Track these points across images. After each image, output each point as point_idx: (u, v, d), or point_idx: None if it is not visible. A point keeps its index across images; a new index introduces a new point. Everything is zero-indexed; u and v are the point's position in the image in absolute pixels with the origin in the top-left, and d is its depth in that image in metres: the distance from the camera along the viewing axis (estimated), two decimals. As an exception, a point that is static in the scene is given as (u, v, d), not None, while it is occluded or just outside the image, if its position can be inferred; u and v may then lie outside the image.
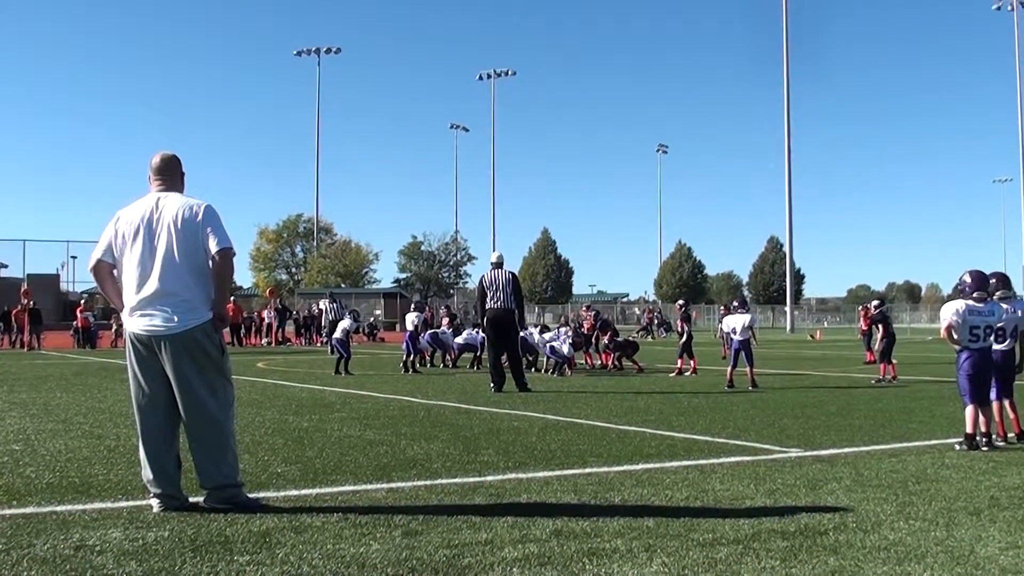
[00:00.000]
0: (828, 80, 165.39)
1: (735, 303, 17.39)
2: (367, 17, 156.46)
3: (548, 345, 19.51)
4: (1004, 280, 9.23)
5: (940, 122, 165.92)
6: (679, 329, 20.32)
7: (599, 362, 21.78)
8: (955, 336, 8.66)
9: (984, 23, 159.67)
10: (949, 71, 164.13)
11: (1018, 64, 78.48)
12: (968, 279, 8.77)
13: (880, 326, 17.99)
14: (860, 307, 27.18)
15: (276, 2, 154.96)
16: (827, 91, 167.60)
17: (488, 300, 15.40)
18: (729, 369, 15.81)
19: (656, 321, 59.15)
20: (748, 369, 15.61)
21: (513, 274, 15.68)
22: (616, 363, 21.08)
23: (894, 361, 17.45)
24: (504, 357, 15.40)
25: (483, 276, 15.96)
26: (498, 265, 15.68)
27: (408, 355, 20.65)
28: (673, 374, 19.03)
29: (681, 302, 21.37)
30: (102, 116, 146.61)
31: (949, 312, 8.70)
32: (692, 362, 19.24)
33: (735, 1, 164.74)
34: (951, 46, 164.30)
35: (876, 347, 18.30)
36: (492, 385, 14.91)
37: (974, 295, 8.69)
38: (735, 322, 16.06)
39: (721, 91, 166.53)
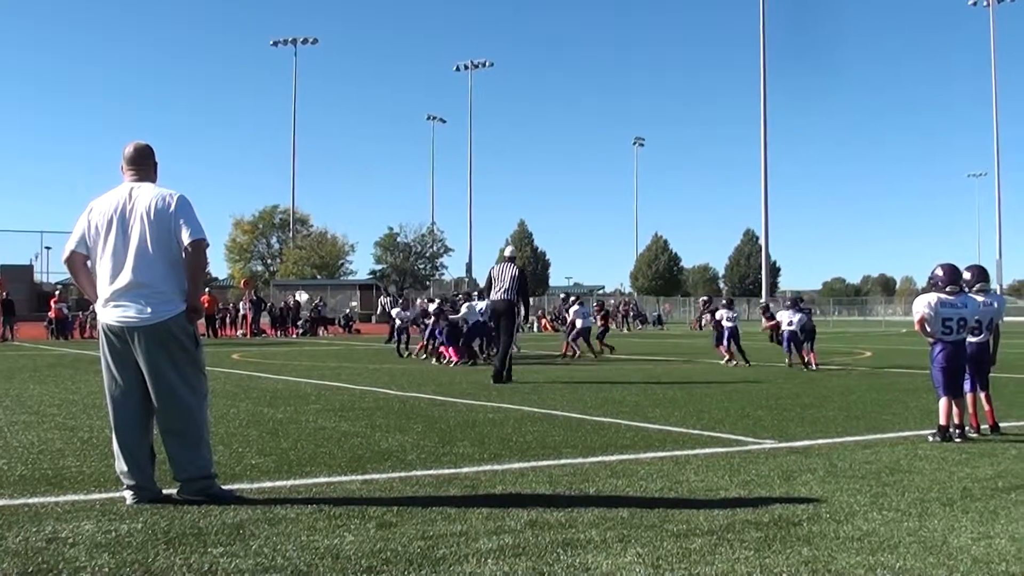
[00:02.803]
0: (804, 74, 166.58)
1: (788, 303, 20.43)
2: (344, 7, 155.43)
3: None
4: (982, 272, 9.27)
5: (915, 116, 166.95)
6: (714, 324, 22.04)
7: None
8: (928, 328, 8.72)
9: (960, 18, 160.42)
10: (925, 65, 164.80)
11: (993, 59, 79.26)
12: (940, 272, 8.82)
13: (713, 319, 21.32)
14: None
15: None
16: (804, 85, 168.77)
17: (493, 291, 15.91)
18: (789, 356, 18.92)
19: (632, 313, 59.37)
20: (788, 356, 18.87)
21: (521, 269, 16.14)
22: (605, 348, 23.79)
23: (720, 347, 20.54)
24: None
25: (492, 268, 16.52)
26: (510, 259, 16.21)
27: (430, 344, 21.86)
28: (724, 361, 20.33)
29: (704, 298, 24.58)
30: (75, 106, 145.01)
31: (921, 305, 8.76)
32: (726, 351, 20.50)
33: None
34: (927, 40, 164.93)
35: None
36: (492, 377, 15.02)
37: (947, 288, 8.74)
38: (788, 317, 19.06)
39: (698, 84, 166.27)
